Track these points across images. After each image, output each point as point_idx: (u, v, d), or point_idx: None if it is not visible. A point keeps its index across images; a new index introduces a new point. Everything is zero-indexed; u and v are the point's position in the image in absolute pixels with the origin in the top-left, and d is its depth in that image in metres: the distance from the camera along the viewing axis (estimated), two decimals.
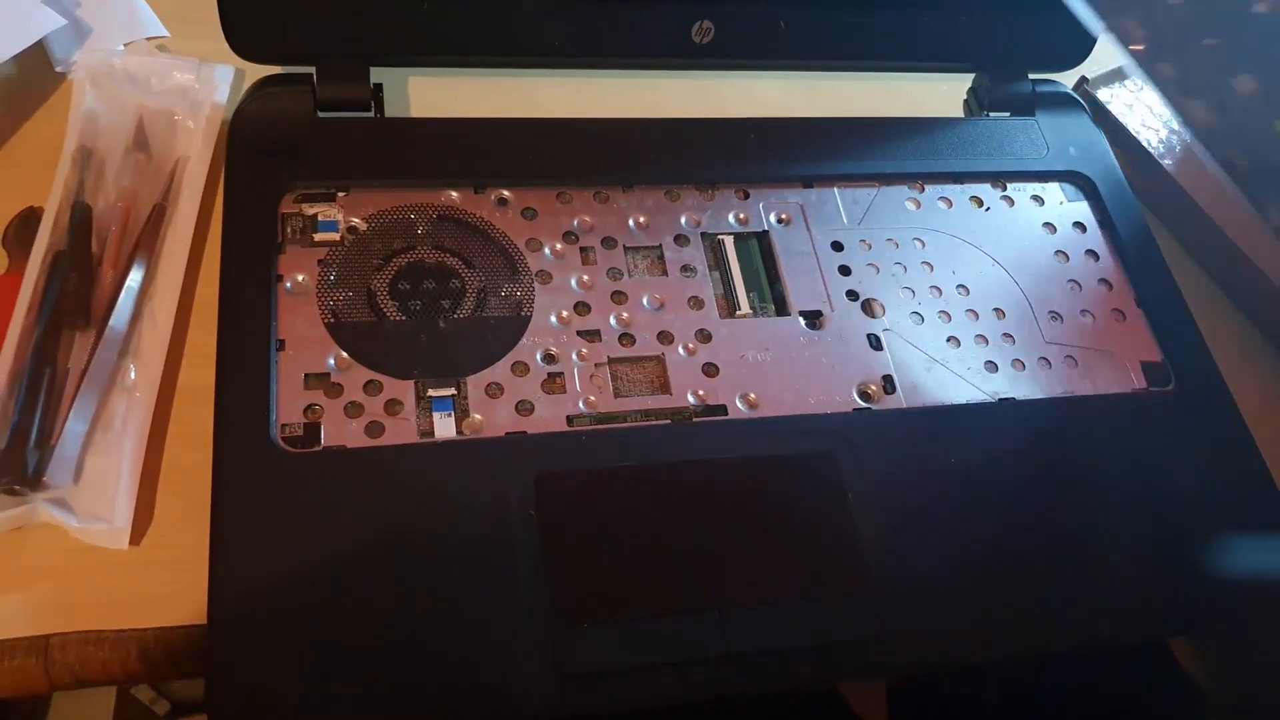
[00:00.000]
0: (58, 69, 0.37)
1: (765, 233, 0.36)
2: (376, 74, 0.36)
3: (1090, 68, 0.43)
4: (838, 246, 0.37)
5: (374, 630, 0.26)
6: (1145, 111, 0.44)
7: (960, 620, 0.30)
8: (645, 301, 0.34)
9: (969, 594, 0.30)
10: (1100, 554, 0.31)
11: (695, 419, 0.32)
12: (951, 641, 0.29)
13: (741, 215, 0.37)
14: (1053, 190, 0.40)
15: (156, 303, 0.32)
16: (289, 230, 0.33)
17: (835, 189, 0.38)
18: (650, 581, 0.28)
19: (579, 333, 0.33)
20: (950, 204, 0.39)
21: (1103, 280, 0.38)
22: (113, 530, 0.28)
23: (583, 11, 0.37)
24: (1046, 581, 0.31)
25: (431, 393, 0.31)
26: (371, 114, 0.36)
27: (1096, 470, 0.33)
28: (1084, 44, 0.41)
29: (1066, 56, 0.42)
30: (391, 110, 0.38)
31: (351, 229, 0.33)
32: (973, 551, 0.31)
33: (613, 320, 0.33)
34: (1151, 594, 0.31)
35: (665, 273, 0.35)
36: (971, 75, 0.42)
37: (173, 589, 0.28)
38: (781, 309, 0.35)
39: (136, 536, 0.28)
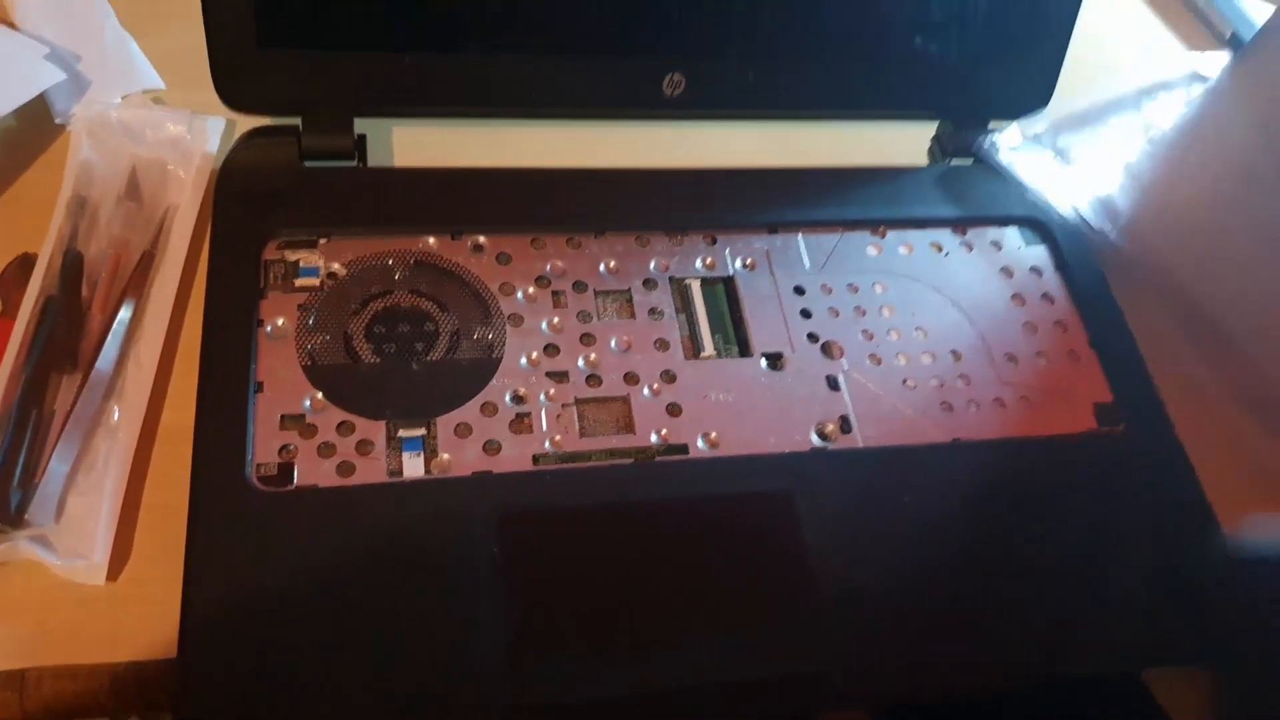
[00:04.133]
0: (57, 120, 0.38)
1: (731, 278, 0.38)
2: (360, 125, 0.38)
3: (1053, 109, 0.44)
4: (800, 290, 0.38)
5: (342, 664, 0.27)
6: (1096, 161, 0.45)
7: (914, 656, 0.30)
8: (613, 343, 0.35)
9: (923, 631, 0.31)
10: (1051, 592, 0.32)
11: (658, 458, 0.33)
12: (906, 677, 0.30)
13: (709, 260, 0.38)
14: (1011, 235, 0.41)
15: (142, 346, 0.33)
16: (271, 276, 0.34)
17: (799, 235, 0.39)
18: (609, 617, 0.29)
19: (548, 374, 0.34)
20: (911, 249, 0.40)
21: (1058, 322, 0.39)
22: (90, 566, 0.29)
23: (559, 66, 0.38)
24: (998, 619, 0.31)
25: (402, 433, 0.32)
26: (354, 163, 0.38)
27: (1048, 510, 0.34)
28: (1043, 91, 0.43)
29: (1026, 103, 0.43)
30: (374, 158, 0.39)
31: (331, 274, 0.35)
32: (926, 589, 0.31)
33: (581, 362, 0.34)
34: (1101, 630, 0.32)
35: (633, 315, 0.36)
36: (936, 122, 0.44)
37: (147, 623, 0.29)
38: (744, 351, 0.36)
39: (114, 573, 0.29)
